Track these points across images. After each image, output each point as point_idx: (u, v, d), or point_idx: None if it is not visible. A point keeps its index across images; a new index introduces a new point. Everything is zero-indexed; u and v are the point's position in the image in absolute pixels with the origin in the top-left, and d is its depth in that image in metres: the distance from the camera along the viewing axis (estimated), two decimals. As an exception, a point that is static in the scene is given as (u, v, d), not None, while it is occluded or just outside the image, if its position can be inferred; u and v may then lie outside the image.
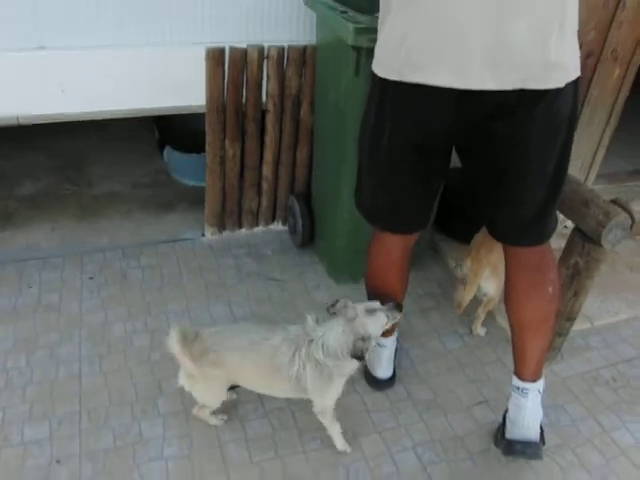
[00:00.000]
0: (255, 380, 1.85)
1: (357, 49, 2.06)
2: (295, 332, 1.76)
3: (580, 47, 1.56)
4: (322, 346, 1.69)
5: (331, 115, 2.41)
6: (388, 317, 1.75)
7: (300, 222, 2.76)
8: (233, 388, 1.96)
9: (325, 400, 1.82)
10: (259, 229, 2.96)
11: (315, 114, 2.62)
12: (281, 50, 2.48)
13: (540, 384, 1.87)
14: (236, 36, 2.46)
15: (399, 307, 1.82)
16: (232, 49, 2.40)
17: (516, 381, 1.87)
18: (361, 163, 1.78)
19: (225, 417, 1.97)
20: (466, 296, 2.30)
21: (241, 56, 2.43)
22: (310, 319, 1.76)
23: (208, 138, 2.57)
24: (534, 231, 1.69)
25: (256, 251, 2.81)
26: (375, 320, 1.72)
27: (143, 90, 2.44)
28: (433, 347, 2.36)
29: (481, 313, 2.41)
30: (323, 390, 1.78)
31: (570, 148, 1.59)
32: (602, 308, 2.65)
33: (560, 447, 2.02)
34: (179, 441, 1.91)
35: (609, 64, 3.08)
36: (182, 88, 2.46)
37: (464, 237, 2.91)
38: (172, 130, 3.34)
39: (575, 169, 3.16)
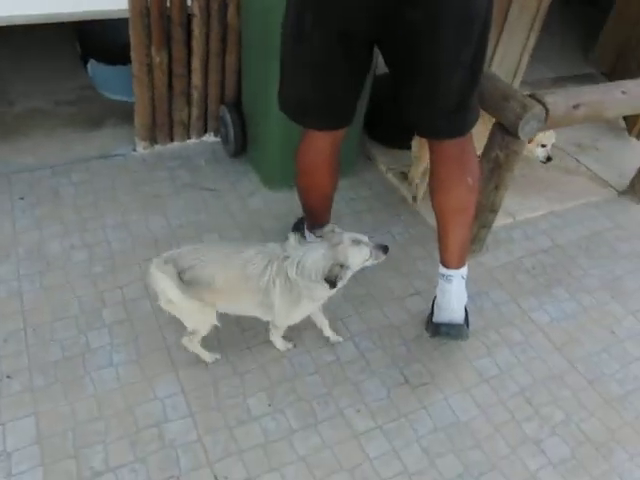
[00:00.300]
0: (228, 292, 1.77)
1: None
2: (272, 248, 1.76)
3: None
4: (297, 264, 1.69)
5: (258, 16, 2.36)
6: (371, 254, 1.75)
7: (232, 131, 2.75)
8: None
9: (287, 320, 1.87)
10: (191, 141, 2.93)
11: (242, 17, 2.55)
12: (204, -52, 2.38)
13: (463, 271, 2.01)
14: None
15: (385, 249, 1.79)
16: (153, -53, 2.29)
17: (441, 269, 2.01)
18: (284, 60, 1.78)
19: (218, 356, 1.96)
20: (414, 171, 2.50)
21: (163, -45, 2.33)
22: (293, 238, 1.76)
23: (133, 45, 2.49)
24: (453, 123, 1.76)
25: (189, 163, 2.79)
26: (358, 251, 1.73)
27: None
28: (368, 247, 2.47)
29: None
30: (289, 310, 1.81)
31: (487, 38, 1.64)
32: (523, 204, 2.82)
33: (485, 328, 2.21)
34: (126, 348, 1.97)
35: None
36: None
37: (395, 143, 3.00)
38: (95, 41, 3.16)
39: (500, 75, 3.24)
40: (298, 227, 2.34)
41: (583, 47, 4.37)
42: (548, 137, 2.58)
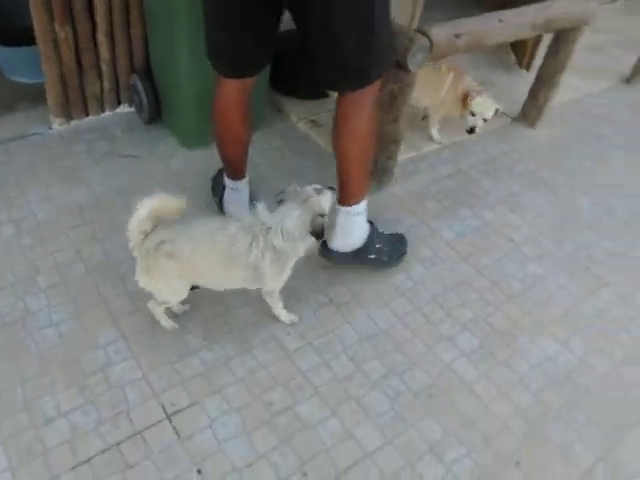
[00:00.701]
0: (211, 271, 1.84)
1: None
2: (250, 222, 1.81)
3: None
4: (281, 231, 1.78)
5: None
6: (333, 193, 1.91)
7: (145, 99, 2.84)
8: (193, 289, 1.94)
9: (278, 284, 1.97)
10: (107, 114, 3.00)
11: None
12: None
13: (356, 207, 2.15)
14: None
15: (333, 189, 1.95)
16: None
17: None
18: (205, 9, 1.92)
19: (177, 325, 2.03)
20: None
21: None
22: (260, 207, 1.84)
23: (35, 22, 2.53)
24: (353, 77, 1.88)
25: (106, 134, 2.87)
26: (325, 197, 1.87)
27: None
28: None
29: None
30: (279, 275, 1.90)
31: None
32: (426, 138, 3.04)
33: (397, 250, 2.42)
34: (65, 307, 2.08)
35: None
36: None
37: (302, 94, 3.16)
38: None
39: (397, 18, 3.42)
40: (217, 179, 2.48)
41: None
42: (481, 106, 2.76)
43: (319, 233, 1.81)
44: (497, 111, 2.85)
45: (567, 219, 2.75)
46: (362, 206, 2.16)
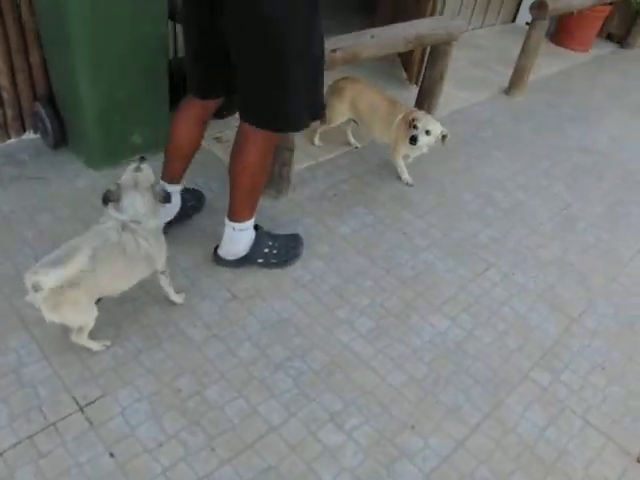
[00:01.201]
0: (117, 278, 1.98)
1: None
2: (111, 225, 1.95)
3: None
4: (140, 218, 1.97)
5: (51, 13, 2.59)
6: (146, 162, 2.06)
7: (49, 124, 2.94)
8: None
9: (165, 256, 2.13)
10: (12, 140, 3.06)
11: (37, 15, 2.75)
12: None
13: (236, 225, 2.35)
14: None
15: (142, 159, 2.11)
16: None
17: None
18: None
19: (108, 343, 2.08)
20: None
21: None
22: (109, 209, 1.98)
23: None
24: (252, 112, 2.09)
25: (12, 159, 2.94)
26: (146, 170, 2.03)
27: None
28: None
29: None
30: (162, 250, 2.11)
31: (292, 42, 1.88)
32: (322, 149, 3.28)
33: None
34: (-26, 320, 2.13)
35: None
36: None
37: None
38: None
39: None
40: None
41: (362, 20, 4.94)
42: (422, 121, 2.90)
43: (165, 197, 2.05)
44: (444, 137, 2.94)
45: (454, 212, 3.02)
46: (247, 225, 2.36)
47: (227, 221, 2.35)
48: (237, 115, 2.17)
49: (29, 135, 3.11)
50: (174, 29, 3.31)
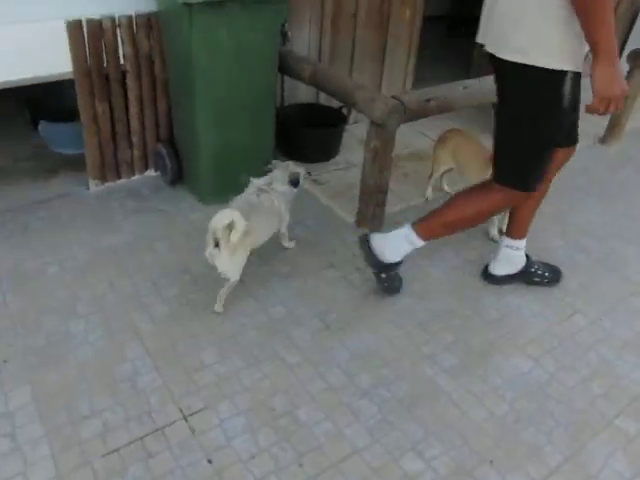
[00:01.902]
0: (263, 229, 2.61)
1: (189, 5, 2.60)
2: (258, 188, 2.65)
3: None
4: (273, 184, 2.67)
5: (179, 67, 2.96)
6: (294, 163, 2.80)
7: (168, 163, 3.30)
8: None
9: (287, 220, 2.78)
10: (136, 177, 3.46)
11: (167, 69, 3.14)
12: (130, 18, 2.97)
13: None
14: (89, 9, 2.88)
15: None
16: (89, 21, 2.86)
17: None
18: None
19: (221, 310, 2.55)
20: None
21: (97, 26, 2.90)
22: (255, 180, 2.70)
23: (79, 100, 3.02)
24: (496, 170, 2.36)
25: (135, 193, 3.32)
26: (292, 166, 2.77)
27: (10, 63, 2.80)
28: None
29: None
30: (288, 210, 2.75)
31: (518, 118, 2.19)
32: (413, 192, 3.45)
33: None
34: (100, 329, 2.43)
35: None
36: (47, 58, 2.87)
37: (306, 159, 3.61)
38: (42, 106, 3.70)
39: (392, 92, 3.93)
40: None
41: (463, 68, 5.13)
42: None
43: (294, 182, 2.73)
44: None
45: (543, 257, 3.05)
46: (520, 243, 2.74)
47: (506, 240, 2.73)
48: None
49: (150, 172, 3.49)
50: (282, 80, 3.63)
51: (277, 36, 3.00)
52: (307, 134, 3.54)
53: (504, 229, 3.16)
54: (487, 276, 2.83)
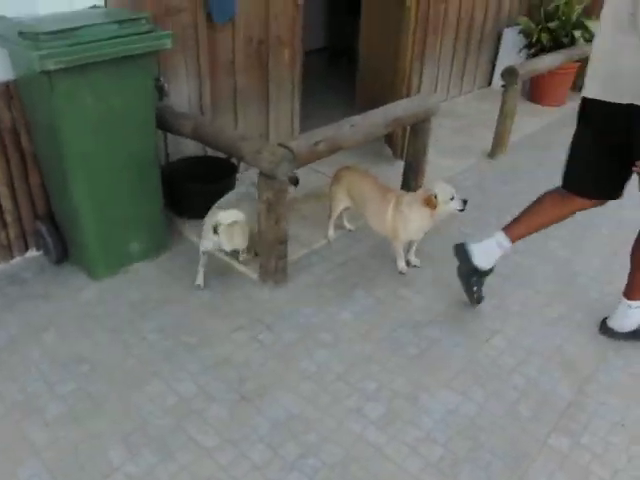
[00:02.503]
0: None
1: (47, 73, 2.37)
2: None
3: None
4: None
5: (46, 139, 2.72)
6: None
7: (50, 241, 3.03)
8: None
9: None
10: (16, 260, 3.15)
11: (34, 142, 2.89)
12: (-15, 89, 2.71)
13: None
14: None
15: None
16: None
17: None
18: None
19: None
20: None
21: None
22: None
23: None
24: None
25: (16, 278, 3.01)
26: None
27: None
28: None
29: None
30: None
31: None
32: (315, 235, 3.35)
33: (302, 338, 2.63)
34: None
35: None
36: None
37: (196, 214, 3.41)
38: None
39: (279, 137, 3.85)
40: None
41: (346, 101, 5.16)
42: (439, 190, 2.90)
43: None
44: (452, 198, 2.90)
45: (453, 284, 3.03)
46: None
47: (624, 299, 2.64)
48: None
49: (32, 253, 3.20)
50: (165, 137, 3.46)
51: (150, 93, 2.83)
52: (196, 189, 3.37)
53: (412, 261, 3.13)
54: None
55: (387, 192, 3.04)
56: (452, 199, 2.88)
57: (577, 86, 5.92)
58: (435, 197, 2.85)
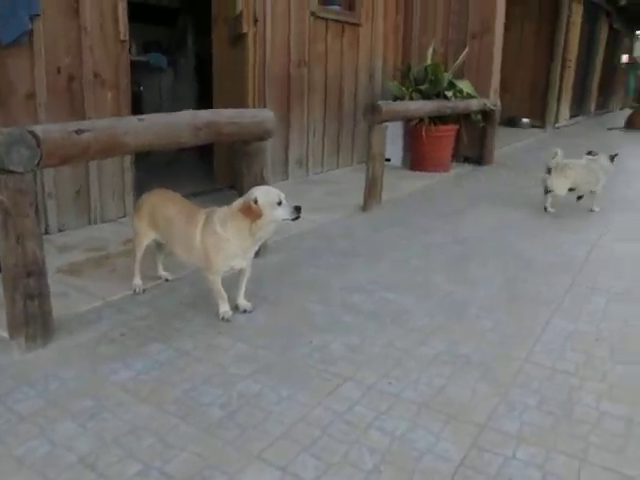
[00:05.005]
0: None
1: None
2: None
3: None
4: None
5: None
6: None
7: None
8: None
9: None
10: None
11: None
12: None
13: None
14: None
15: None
16: None
17: None
18: None
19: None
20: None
21: None
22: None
23: None
24: None
25: None
26: None
27: None
28: None
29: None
30: None
31: None
32: (118, 286, 2.50)
33: (44, 408, 1.69)
34: None
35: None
36: None
37: None
38: None
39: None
40: None
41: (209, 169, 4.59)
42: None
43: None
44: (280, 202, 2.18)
45: (295, 328, 2.25)
46: None
47: None
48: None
49: None
50: None
51: None
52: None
53: (241, 305, 2.30)
54: None
55: (195, 211, 2.29)
56: (280, 204, 2.13)
57: (461, 157, 5.70)
58: (255, 202, 2.11)
